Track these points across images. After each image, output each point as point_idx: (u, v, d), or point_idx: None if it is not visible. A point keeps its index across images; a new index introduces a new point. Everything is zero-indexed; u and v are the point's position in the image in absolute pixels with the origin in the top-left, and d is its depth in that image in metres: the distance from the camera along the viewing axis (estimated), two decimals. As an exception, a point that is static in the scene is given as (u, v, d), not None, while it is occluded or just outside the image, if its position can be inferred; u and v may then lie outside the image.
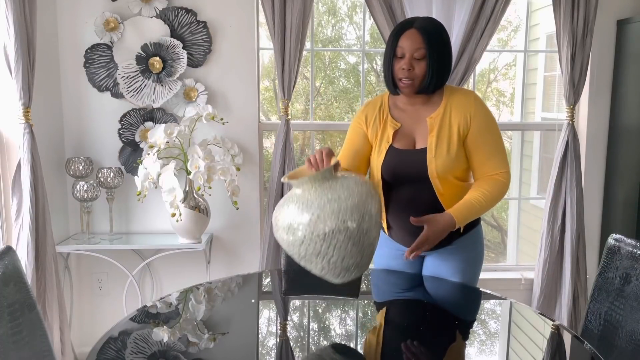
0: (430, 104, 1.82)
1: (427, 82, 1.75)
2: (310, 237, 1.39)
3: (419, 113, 1.83)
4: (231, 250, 2.98)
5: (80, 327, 2.95)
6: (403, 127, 1.83)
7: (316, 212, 1.39)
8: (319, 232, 1.38)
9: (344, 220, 1.38)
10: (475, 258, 1.92)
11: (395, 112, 1.87)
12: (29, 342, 1.50)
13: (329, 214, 1.38)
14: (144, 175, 2.51)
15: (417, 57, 1.73)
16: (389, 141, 1.82)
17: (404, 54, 1.74)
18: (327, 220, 1.38)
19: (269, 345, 1.51)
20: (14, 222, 2.38)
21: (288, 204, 1.45)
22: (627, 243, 1.68)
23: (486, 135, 1.77)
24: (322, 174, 1.45)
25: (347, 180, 1.47)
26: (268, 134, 3.58)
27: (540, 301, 2.95)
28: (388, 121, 1.84)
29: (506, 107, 5.78)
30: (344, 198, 1.41)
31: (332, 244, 1.39)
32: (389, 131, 1.83)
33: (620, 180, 2.91)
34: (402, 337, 1.53)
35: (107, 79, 2.78)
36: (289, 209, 1.44)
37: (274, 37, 2.70)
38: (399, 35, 1.75)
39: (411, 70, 1.73)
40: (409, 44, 1.72)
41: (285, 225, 1.43)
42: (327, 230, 1.38)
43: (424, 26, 1.73)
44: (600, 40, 2.91)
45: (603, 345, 1.67)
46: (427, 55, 1.72)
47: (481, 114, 1.78)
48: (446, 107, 1.79)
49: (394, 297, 1.88)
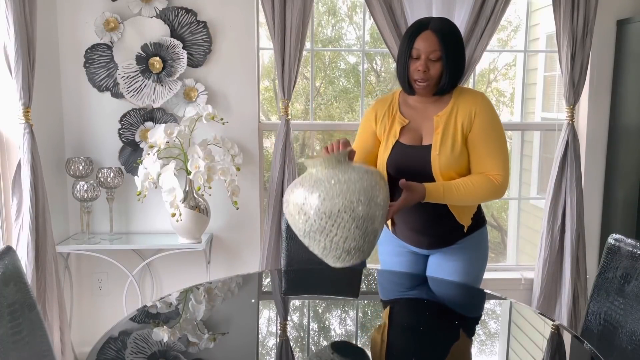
0: (440, 102, 1.83)
1: (444, 83, 1.77)
2: (317, 214, 1.45)
3: (428, 111, 1.84)
4: (231, 250, 2.98)
5: (80, 327, 2.95)
6: (411, 123, 1.85)
7: (325, 190, 1.46)
8: (326, 209, 1.44)
9: (351, 201, 1.45)
10: (478, 259, 1.92)
11: (405, 108, 1.88)
12: (29, 342, 1.50)
13: (337, 193, 1.45)
14: (144, 175, 2.51)
15: (433, 59, 1.74)
16: (396, 136, 1.84)
17: (419, 55, 1.75)
18: (335, 198, 1.44)
19: (269, 345, 1.51)
20: (14, 222, 2.38)
21: (301, 182, 1.52)
22: (627, 243, 1.68)
23: (487, 135, 1.78)
24: (336, 157, 1.52)
25: (358, 166, 1.54)
26: (268, 134, 3.58)
27: (540, 301, 2.95)
28: (396, 117, 1.87)
29: (506, 107, 5.78)
30: (354, 181, 1.47)
31: (336, 222, 1.45)
32: (397, 127, 1.85)
33: (620, 180, 2.91)
34: (405, 336, 1.53)
35: (107, 79, 2.78)
36: (301, 187, 1.51)
37: (274, 37, 2.70)
38: (414, 37, 1.75)
39: (427, 71, 1.75)
40: (425, 45, 1.73)
41: (295, 201, 1.50)
42: (333, 209, 1.44)
43: (439, 28, 1.74)
44: (600, 40, 2.91)
45: (603, 345, 1.67)
46: (443, 57, 1.73)
47: (485, 113, 1.78)
48: (453, 107, 1.80)
49: (397, 296, 1.88)
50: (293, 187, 1.54)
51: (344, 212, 1.44)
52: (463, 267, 1.88)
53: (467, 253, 1.88)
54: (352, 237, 1.47)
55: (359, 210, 1.45)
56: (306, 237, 1.52)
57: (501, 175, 1.76)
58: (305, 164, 1.56)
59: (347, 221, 1.45)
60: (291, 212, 1.52)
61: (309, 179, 1.51)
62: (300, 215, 1.48)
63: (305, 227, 1.49)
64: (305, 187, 1.49)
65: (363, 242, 1.50)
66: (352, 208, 1.45)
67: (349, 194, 1.45)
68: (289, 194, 1.54)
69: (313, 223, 1.47)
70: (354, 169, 1.52)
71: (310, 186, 1.48)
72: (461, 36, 1.80)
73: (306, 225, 1.48)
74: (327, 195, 1.45)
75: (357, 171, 1.51)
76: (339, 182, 1.47)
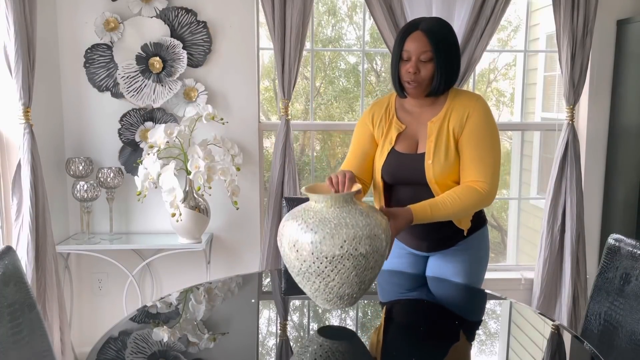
0: (436, 106, 1.79)
1: (436, 85, 1.72)
2: (317, 255, 1.36)
3: (424, 115, 1.80)
4: (231, 250, 2.98)
5: (80, 327, 2.95)
6: (407, 129, 1.81)
7: (330, 232, 1.36)
8: (327, 253, 1.36)
9: (356, 248, 1.36)
10: (479, 260, 1.90)
11: (401, 113, 1.84)
12: (29, 342, 1.50)
13: (342, 237, 1.36)
14: (144, 175, 2.51)
15: (424, 60, 1.69)
16: (391, 143, 1.80)
17: (409, 57, 1.70)
18: (340, 242, 1.36)
19: (269, 345, 1.51)
20: (14, 222, 2.39)
21: (303, 217, 1.42)
22: (627, 243, 1.68)
23: (477, 139, 1.71)
24: (344, 197, 1.44)
25: (366, 211, 1.44)
26: (268, 134, 3.58)
27: (540, 301, 2.95)
28: (393, 122, 1.82)
29: (506, 107, 5.78)
30: (361, 226, 1.38)
31: (337, 267, 1.37)
32: (393, 133, 1.81)
33: (620, 180, 2.91)
34: (404, 337, 1.53)
35: (107, 79, 2.78)
36: (301, 221, 1.41)
37: (274, 37, 2.70)
38: (404, 38, 1.71)
39: (417, 73, 1.70)
40: (414, 46, 1.69)
41: (294, 236, 1.40)
42: (336, 253, 1.36)
43: (429, 28, 1.69)
44: (600, 40, 2.91)
45: (603, 345, 1.67)
46: (434, 58, 1.69)
47: (478, 117, 1.72)
48: (447, 111, 1.75)
49: (397, 297, 1.88)
50: (292, 220, 1.44)
51: (346, 258, 1.36)
52: (464, 268, 1.87)
53: (468, 254, 1.86)
54: (349, 284, 1.40)
55: (362, 258, 1.38)
56: (299, 275, 1.43)
57: (487, 182, 1.69)
58: (309, 197, 1.46)
59: (348, 268, 1.37)
60: (286, 247, 1.42)
61: (312, 215, 1.41)
62: (298, 252, 1.39)
63: (301, 266, 1.40)
64: (308, 223, 1.39)
65: (358, 290, 1.43)
66: (356, 256, 1.37)
67: (355, 240, 1.36)
68: (286, 227, 1.44)
69: (311, 264, 1.38)
70: (362, 212, 1.42)
71: (314, 224, 1.38)
72: (455, 36, 1.75)
73: (303, 265, 1.39)
74: (331, 238, 1.36)
75: (364, 216, 1.41)
76: (345, 225, 1.38)
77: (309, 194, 1.45)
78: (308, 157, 4.43)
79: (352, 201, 1.46)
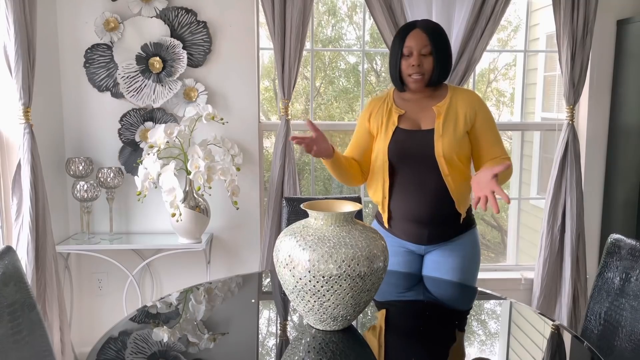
0: (435, 97, 1.95)
1: (436, 75, 1.90)
2: (313, 274, 1.34)
3: (424, 104, 1.95)
4: (231, 250, 2.98)
5: (80, 327, 2.95)
6: (407, 113, 1.95)
7: (329, 251, 1.34)
8: (325, 273, 1.34)
9: (354, 269, 1.34)
10: (474, 256, 2.00)
11: (400, 102, 1.99)
12: (29, 342, 1.50)
13: (341, 257, 1.34)
14: (144, 175, 2.51)
15: (424, 54, 1.88)
16: (395, 123, 1.93)
17: (411, 52, 1.88)
18: (338, 262, 1.34)
19: (269, 345, 1.51)
20: (14, 222, 2.38)
21: (301, 233, 1.40)
22: (627, 243, 1.69)
23: (491, 126, 1.94)
24: (345, 216, 1.43)
25: (366, 232, 1.43)
26: (268, 134, 3.58)
27: (540, 301, 2.95)
28: (392, 109, 1.97)
29: (506, 107, 5.78)
30: (361, 247, 1.37)
31: (333, 288, 1.35)
32: (394, 116, 1.95)
33: (620, 180, 2.91)
34: (403, 337, 1.53)
35: (107, 79, 2.78)
36: (299, 238, 1.39)
37: (274, 37, 2.70)
38: (404, 36, 1.89)
39: (420, 65, 1.88)
40: (416, 42, 1.88)
41: (290, 252, 1.38)
42: (333, 272, 1.33)
43: (426, 26, 1.91)
44: (600, 40, 2.91)
45: (603, 345, 1.67)
46: (433, 51, 1.88)
47: (485, 110, 1.95)
48: (452, 99, 1.93)
49: (394, 298, 1.88)
50: (290, 236, 1.41)
51: (343, 279, 1.34)
52: (461, 263, 1.95)
53: (463, 250, 1.96)
54: (344, 305, 1.38)
55: (360, 279, 1.35)
56: (293, 293, 1.40)
57: (509, 158, 1.93)
58: (309, 213, 1.45)
59: (345, 289, 1.35)
60: (282, 263, 1.39)
61: (311, 233, 1.39)
62: (294, 270, 1.36)
63: (296, 283, 1.37)
64: (306, 240, 1.37)
65: (353, 312, 1.42)
66: (353, 276, 1.34)
67: (353, 261, 1.34)
68: (284, 243, 1.41)
69: (307, 283, 1.35)
70: (362, 232, 1.41)
71: (313, 242, 1.36)
72: (446, 34, 1.95)
73: (298, 283, 1.37)
74: (330, 257, 1.33)
75: (364, 236, 1.40)
76: (345, 245, 1.36)
77: (308, 210, 1.44)
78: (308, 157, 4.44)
79: (352, 220, 1.45)
